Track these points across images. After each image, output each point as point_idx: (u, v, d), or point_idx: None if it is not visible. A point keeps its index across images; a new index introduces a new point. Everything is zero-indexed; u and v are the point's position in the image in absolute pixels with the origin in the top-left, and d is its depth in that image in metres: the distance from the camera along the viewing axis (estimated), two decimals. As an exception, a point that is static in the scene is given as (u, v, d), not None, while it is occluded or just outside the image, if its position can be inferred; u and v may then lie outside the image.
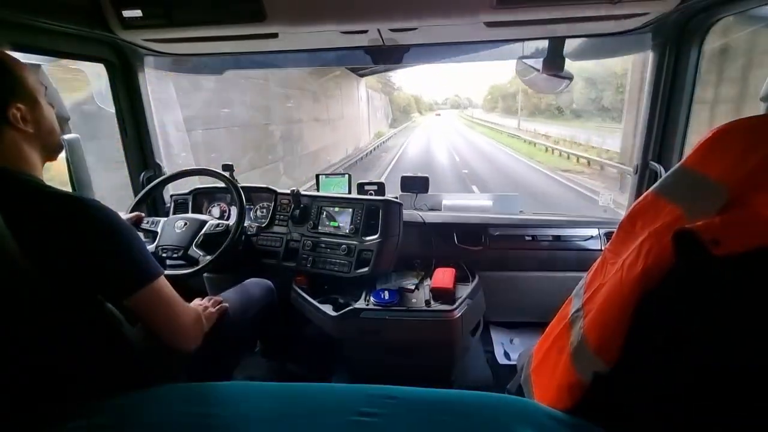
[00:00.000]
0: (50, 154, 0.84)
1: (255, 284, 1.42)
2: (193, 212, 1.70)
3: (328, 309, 1.39)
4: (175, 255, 1.34)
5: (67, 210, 0.73)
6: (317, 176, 1.84)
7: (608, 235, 1.55)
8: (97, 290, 0.76)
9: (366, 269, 1.42)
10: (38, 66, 1.26)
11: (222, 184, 1.51)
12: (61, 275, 0.71)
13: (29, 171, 0.76)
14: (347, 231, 1.51)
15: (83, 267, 0.75)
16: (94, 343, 0.74)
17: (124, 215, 1.31)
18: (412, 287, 1.43)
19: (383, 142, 22.37)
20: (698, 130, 1.41)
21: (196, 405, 0.56)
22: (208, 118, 6.19)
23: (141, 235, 1.22)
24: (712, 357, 0.51)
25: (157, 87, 2.06)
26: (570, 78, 1.49)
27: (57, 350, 0.69)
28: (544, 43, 1.45)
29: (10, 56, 0.77)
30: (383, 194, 1.73)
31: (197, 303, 1.10)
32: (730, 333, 0.50)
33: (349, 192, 1.80)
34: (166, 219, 1.39)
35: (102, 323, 0.72)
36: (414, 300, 1.36)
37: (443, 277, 1.42)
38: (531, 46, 1.53)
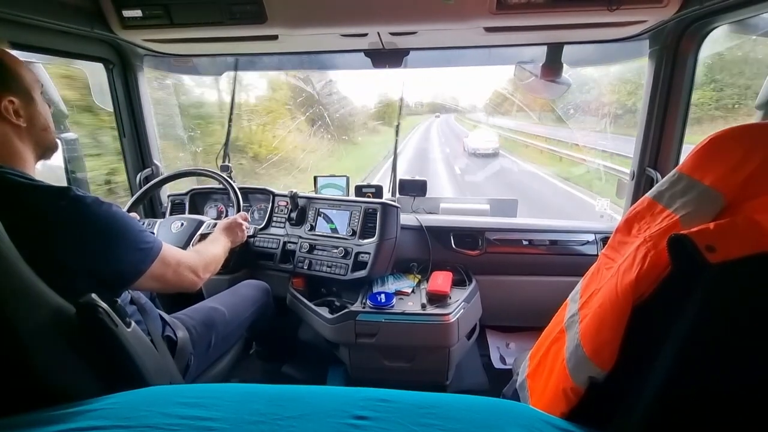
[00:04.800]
0: (44, 152, 0.84)
1: (251, 286, 1.41)
2: (190, 213, 1.69)
3: (324, 311, 1.38)
4: None
5: (61, 203, 0.73)
6: (315, 178, 1.84)
7: (604, 240, 1.56)
8: (100, 282, 0.76)
9: (363, 272, 1.42)
10: (35, 64, 1.27)
11: (219, 185, 1.51)
12: (57, 271, 0.70)
13: (20, 167, 0.76)
14: (344, 233, 1.51)
15: (82, 260, 0.75)
16: (87, 344, 0.73)
17: None
18: (409, 290, 1.43)
19: None
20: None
21: (191, 407, 0.56)
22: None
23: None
24: (708, 364, 0.51)
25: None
26: (568, 84, 1.50)
27: (50, 352, 0.68)
28: (543, 49, 1.46)
29: (5, 51, 0.77)
30: (381, 197, 1.73)
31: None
32: (726, 340, 0.50)
33: (347, 194, 1.80)
34: (162, 220, 1.39)
35: (96, 324, 0.71)
36: (410, 303, 1.36)
37: (440, 280, 1.42)
38: (530, 52, 1.54)
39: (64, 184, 1.44)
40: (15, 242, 0.63)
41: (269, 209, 1.67)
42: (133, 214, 1.36)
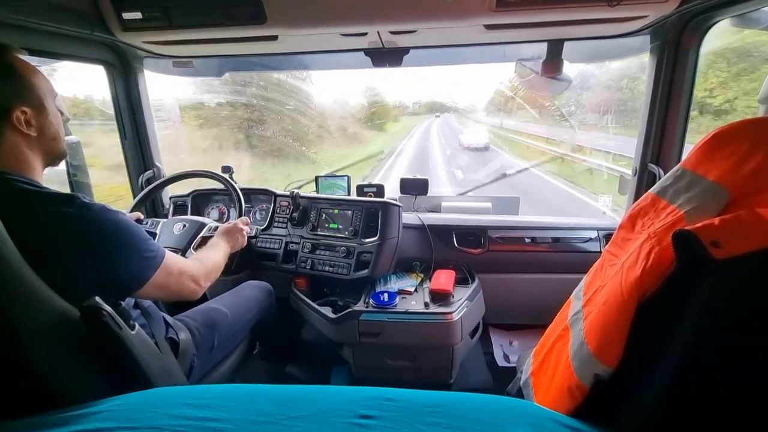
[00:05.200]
0: (53, 160, 0.84)
1: (254, 287, 1.41)
2: (192, 214, 1.70)
3: (327, 311, 1.38)
4: None
5: (68, 210, 0.73)
6: (316, 178, 1.84)
7: (607, 237, 1.55)
8: (103, 289, 0.76)
9: (365, 271, 1.42)
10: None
11: (221, 186, 1.51)
12: (62, 277, 0.70)
13: (29, 175, 0.76)
14: (346, 233, 1.51)
15: (87, 267, 0.75)
16: (92, 347, 0.74)
17: None
18: (412, 289, 1.43)
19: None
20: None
21: (196, 408, 0.56)
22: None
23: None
24: (714, 361, 0.50)
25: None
26: (569, 81, 1.50)
27: (55, 355, 0.69)
28: (544, 46, 1.45)
29: (21, 60, 0.77)
30: (382, 196, 1.73)
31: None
32: (731, 336, 0.50)
33: (349, 194, 1.80)
34: (164, 221, 1.39)
35: (100, 327, 0.72)
36: (413, 302, 1.36)
37: (442, 279, 1.42)
38: (530, 49, 1.54)
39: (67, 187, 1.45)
40: (21, 248, 0.64)
41: (271, 210, 1.67)
42: (137, 214, 1.37)
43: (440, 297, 1.37)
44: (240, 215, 1.41)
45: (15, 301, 0.63)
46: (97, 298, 0.71)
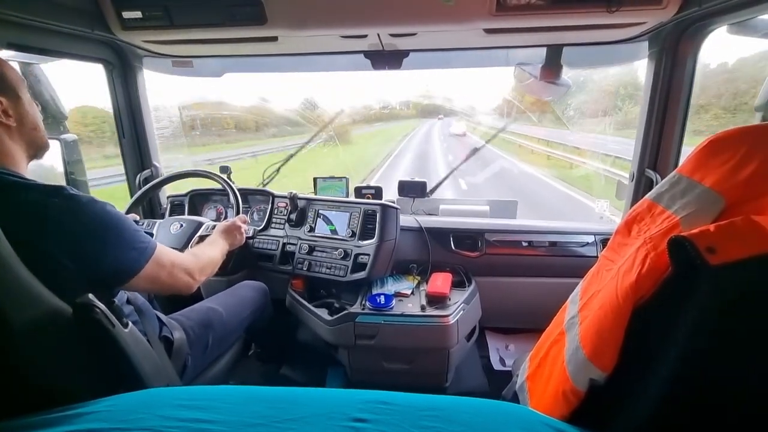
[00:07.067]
0: (36, 152, 0.83)
1: (249, 287, 1.41)
2: (189, 214, 1.69)
3: (323, 313, 1.38)
4: None
5: (55, 201, 0.72)
6: (315, 179, 1.84)
7: (604, 242, 1.56)
8: (94, 281, 0.76)
9: (362, 273, 1.42)
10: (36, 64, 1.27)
11: (219, 186, 1.51)
12: (52, 270, 0.70)
13: (13, 167, 0.76)
14: (344, 235, 1.50)
15: (76, 259, 0.74)
16: (84, 345, 0.73)
17: None
18: (408, 292, 1.42)
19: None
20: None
21: (189, 409, 0.56)
22: None
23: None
24: (708, 367, 0.50)
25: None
26: (568, 85, 1.50)
27: (46, 353, 0.68)
28: (543, 50, 1.46)
29: None
30: (381, 198, 1.72)
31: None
32: (725, 342, 0.50)
33: (347, 195, 1.80)
34: (161, 220, 1.39)
35: (92, 324, 0.71)
36: (410, 305, 1.35)
37: (439, 282, 1.42)
38: (530, 53, 1.54)
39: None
40: (10, 242, 0.63)
41: (269, 210, 1.67)
42: (133, 215, 1.36)
43: (437, 300, 1.36)
44: (237, 215, 1.40)
45: (6, 297, 0.62)
46: (90, 295, 0.71)
